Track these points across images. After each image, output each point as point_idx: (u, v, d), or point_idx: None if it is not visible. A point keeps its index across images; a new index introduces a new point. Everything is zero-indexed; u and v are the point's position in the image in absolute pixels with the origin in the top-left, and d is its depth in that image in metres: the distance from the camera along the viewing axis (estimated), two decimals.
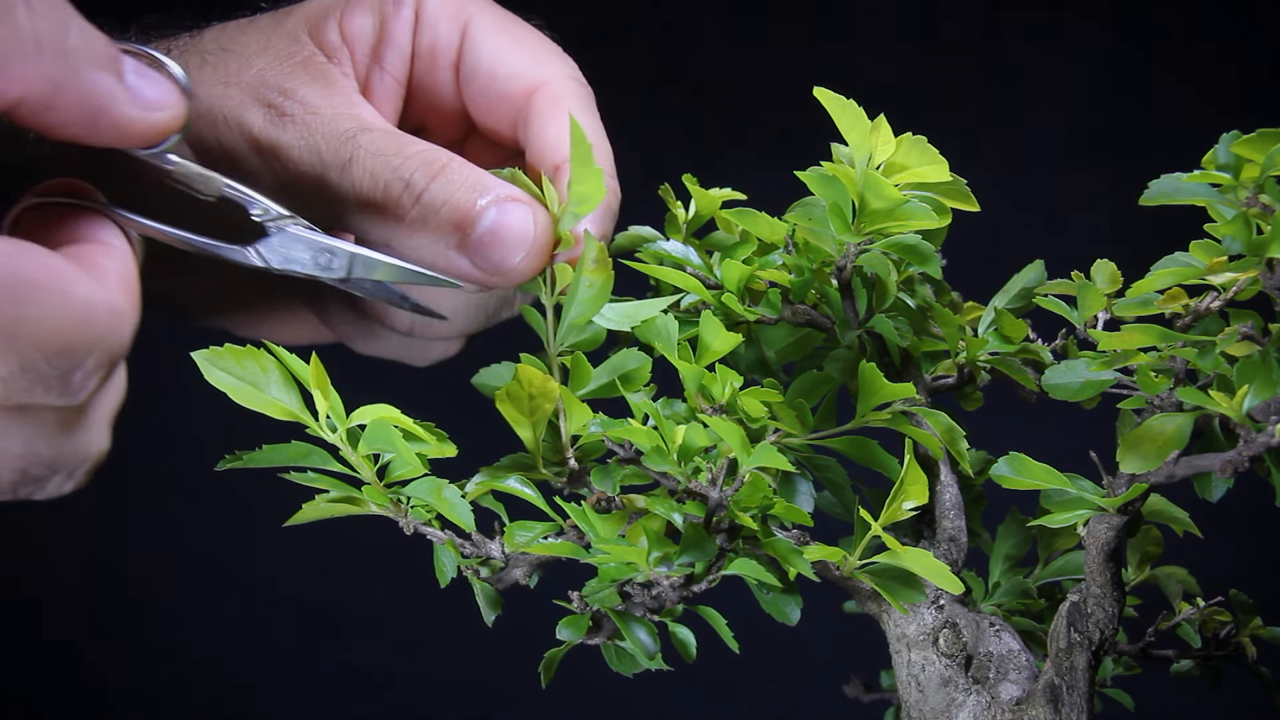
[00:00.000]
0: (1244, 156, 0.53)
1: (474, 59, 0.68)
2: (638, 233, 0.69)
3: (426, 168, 0.61)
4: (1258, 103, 1.41)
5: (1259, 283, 0.55)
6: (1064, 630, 0.61)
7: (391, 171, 0.61)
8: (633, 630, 0.61)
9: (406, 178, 0.61)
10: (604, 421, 0.60)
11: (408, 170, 0.61)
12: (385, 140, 0.61)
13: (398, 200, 0.61)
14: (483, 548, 0.61)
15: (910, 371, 0.67)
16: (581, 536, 0.59)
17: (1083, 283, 0.62)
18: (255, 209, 0.58)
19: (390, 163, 0.61)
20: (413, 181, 0.61)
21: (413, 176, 0.61)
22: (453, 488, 0.59)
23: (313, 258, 0.59)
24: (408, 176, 0.61)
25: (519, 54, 0.68)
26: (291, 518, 0.59)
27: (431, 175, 0.61)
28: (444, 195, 0.61)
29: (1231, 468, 0.54)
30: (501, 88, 0.68)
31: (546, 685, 0.63)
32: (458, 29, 0.68)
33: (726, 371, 0.59)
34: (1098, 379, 0.60)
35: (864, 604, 0.64)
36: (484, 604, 0.62)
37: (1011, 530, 0.70)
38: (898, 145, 0.58)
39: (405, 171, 0.61)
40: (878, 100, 0.60)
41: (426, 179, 0.61)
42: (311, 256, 0.59)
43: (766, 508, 0.58)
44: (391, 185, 0.61)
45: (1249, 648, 0.70)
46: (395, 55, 0.68)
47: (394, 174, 0.61)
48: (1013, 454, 0.60)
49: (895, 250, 0.62)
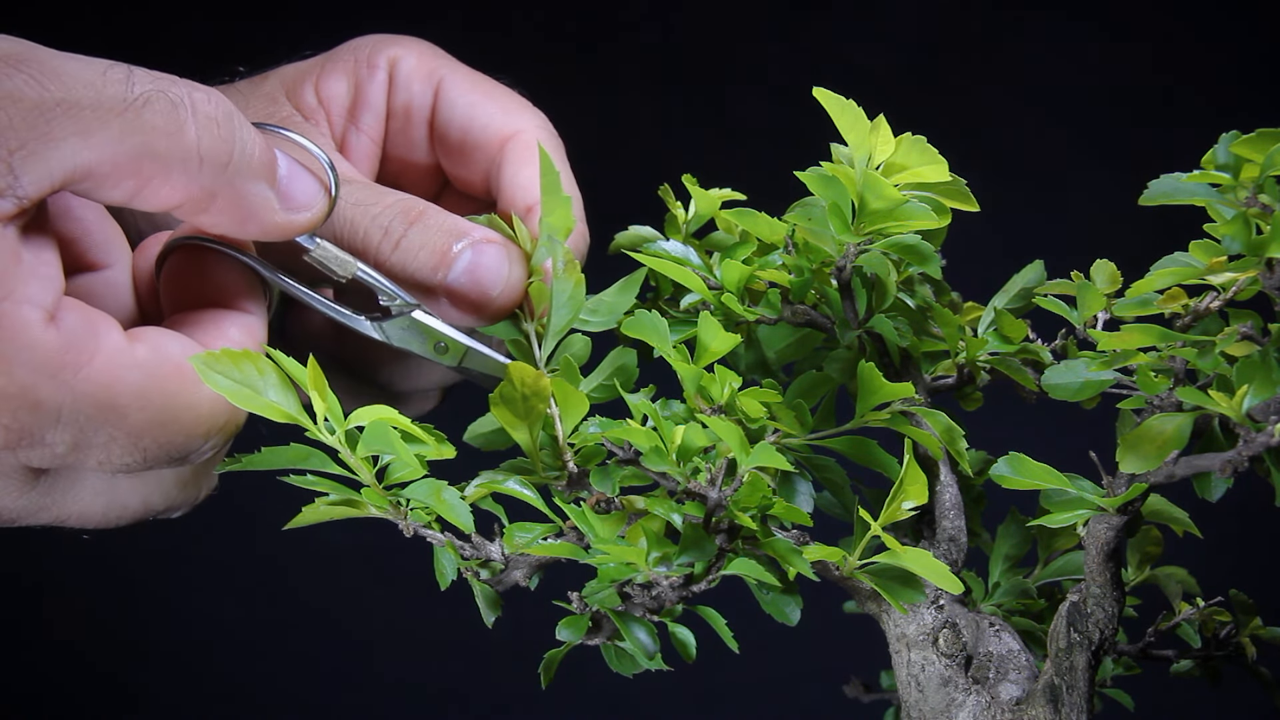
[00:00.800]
0: (1244, 156, 0.53)
1: (447, 115, 0.71)
2: (638, 232, 0.69)
3: (404, 215, 0.63)
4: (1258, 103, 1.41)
5: (1258, 283, 0.55)
6: (1064, 630, 0.61)
7: (370, 220, 0.63)
8: (632, 631, 0.61)
9: (385, 225, 0.63)
10: (603, 423, 0.60)
11: (386, 219, 0.63)
12: (363, 192, 0.63)
13: (377, 247, 0.63)
14: (482, 549, 0.61)
15: (910, 371, 0.67)
16: (581, 537, 0.59)
17: (1082, 283, 0.62)
18: (383, 295, 0.62)
19: (369, 212, 0.63)
20: (391, 229, 0.63)
21: (391, 224, 0.63)
22: (452, 490, 0.59)
23: (430, 345, 0.63)
24: (386, 224, 0.63)
25: (491, 108, 0.71)
26: (291, 521, 0.59)
27: (409, 222, 0.63)
28: (421, 240, 0.63)
29: (1231, 468, 0.54)
30: (475, 140, 0.71)
31: (546, 686, 0.63)
32: (430, 89, 0.72)
33: (725, 372, 0.59)
34: (1097, 379, 0.60)
35: (864, 604, 0.64)
36: (484, 606, 0.62)
37: (1011, 530, 0.70)
38: (897, 145, 0.58)
39: (384, 220, 0.63)
40: (878, 100, 0.60)
41: (404, 225, 0.63)
42: (428, 344, 0.63)
43: (766, 508, 0.58)
44: (370, 233, 0.63)
45: (1249, 648, 0.70)
46: (370, 116, 0.72)
47: (373, 222, 0.63)
48: (1013, 454, 0.60)
49: (895, 250, 0.62)
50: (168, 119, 0.53)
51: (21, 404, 0.52)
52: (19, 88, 0.50)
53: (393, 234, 0.63)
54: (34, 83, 0.51)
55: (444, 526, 0.60)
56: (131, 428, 0.54)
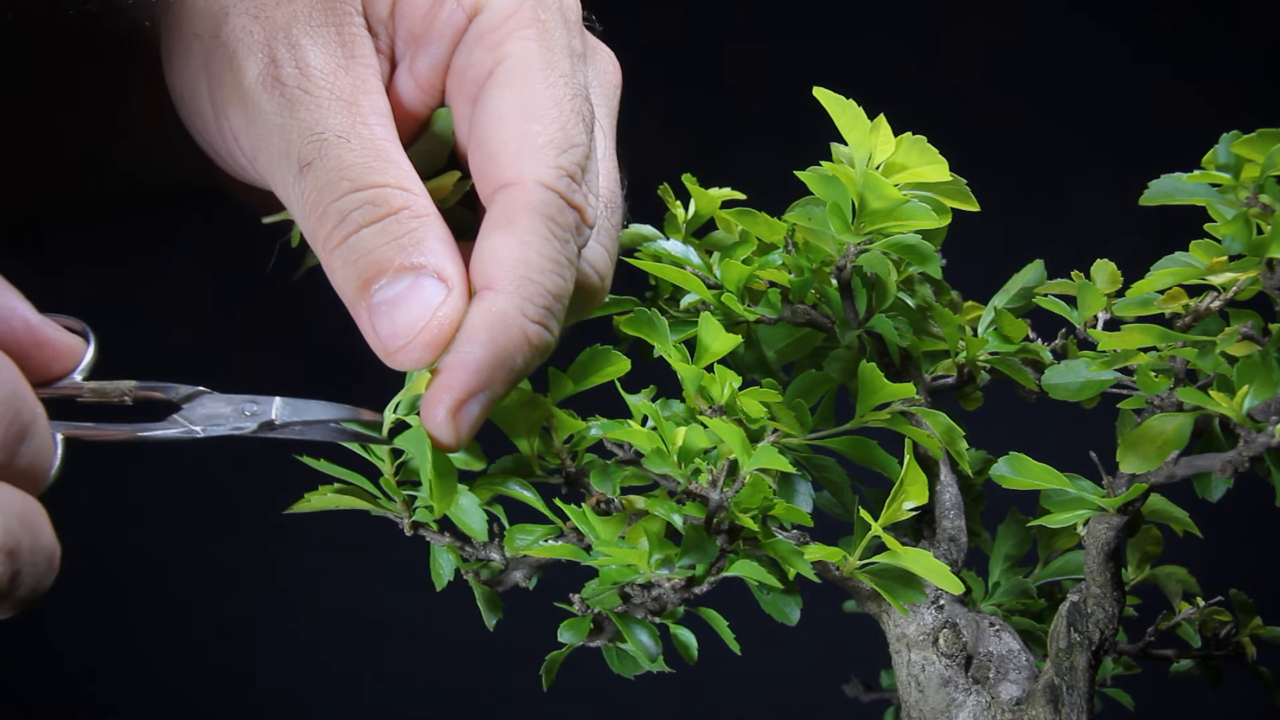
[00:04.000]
0: (1244, 156, 0.53)
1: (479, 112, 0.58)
2: (638, 231, 0.69)
3: (370, 209, 0.54)
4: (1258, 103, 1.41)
5: (1259, 283, 0.55)
6: (1064, 630, 0.61)
7: (334, 198, 0.54)
8: (634, 632, 0.61)
9: (346, 212, 0.54)
10: (604, 424, 0.60)
11: (352, 204, 0.54)
12: (355, 155, 0.55)
13: (329, 234, 0.54)
14: (482, 550, 0.61)
15: (910, 371, 0.67)
16: (581, 538, 0.59)
17: (1083, 283, 0.62)
18: (169, 392, 0.56)
19: (339, 188, 0.54)
20: (349, 219, 0.54)
21: (352, 214, 0.54)
22: (470, 495, 0.58)
23: (235, 410, 0.56)
24: (347, 212, 0.54)
25: (511, 133, 0.57)
26: (295, 505, 0.59)
27: (370, 219, 0.54)
28: (371, 245, 0.54)
29: (1231, 468, 0.54)
30: (480, 167, 0.58)
31: (548, 688, 0.63)
32: (489, 64, 0.58)
33: (725, 372, 0.59)
34: (1098, 379, 0.60)
35: (864, 604, 0.64)
36: (485, 608, 0.62)
37: (1011, 530, 0.70)
38: (897, 145, 0.58)
39: (349, 205, 0.54)
40: (878, 100, 0.60)
41: (361, 221, 0.54)
42: (234, 409, 0.56)
43: (767, 509, 0.58)
44: (328, 215, 0.54)
45: (1249, 648, 0.70)
46: (428, 61, 0.60)
47: (333, 203, 0.54)
48: (1013, 454, 0.60)
49: (895, 250, 0.62)
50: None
51: None
52: None
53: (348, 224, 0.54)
54: None
55: (442, 527, 0.60)
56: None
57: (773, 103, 1.47)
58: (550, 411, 0.58)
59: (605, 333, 0.65)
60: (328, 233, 0.54)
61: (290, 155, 0.55)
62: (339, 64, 0.57)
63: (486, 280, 0.54)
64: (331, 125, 0.56)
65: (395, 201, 0.54)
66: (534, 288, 0.54)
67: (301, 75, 0.56)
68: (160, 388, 0.56)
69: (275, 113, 0.56)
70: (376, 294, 0.53)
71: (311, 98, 0.56)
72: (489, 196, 0.57)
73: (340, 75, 0.57)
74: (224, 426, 0.55)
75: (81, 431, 0.55)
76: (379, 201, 0.54)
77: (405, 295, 0.53)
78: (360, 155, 0.55)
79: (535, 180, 0.56)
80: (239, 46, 0.57)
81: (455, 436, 0.53)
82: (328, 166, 0.55)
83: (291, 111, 0.56)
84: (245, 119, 0.57)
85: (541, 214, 0.55)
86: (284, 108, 0.56)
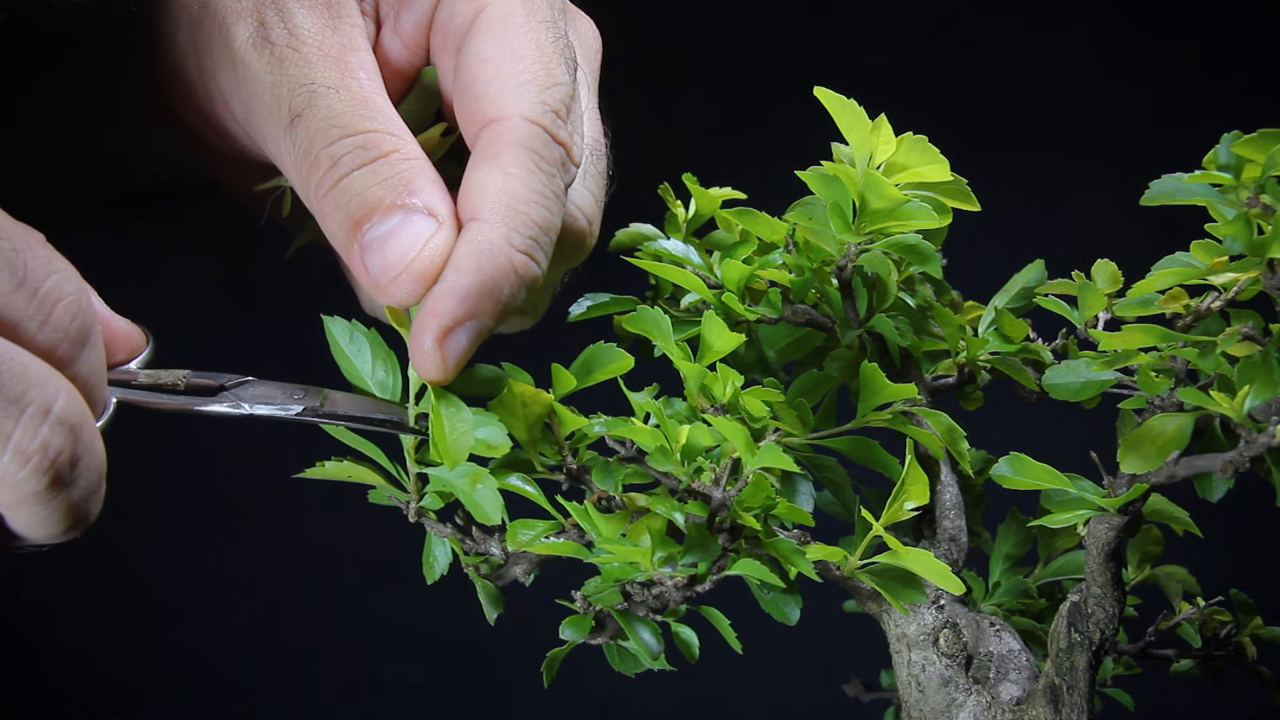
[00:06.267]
0: (1245, 156, 0.53)
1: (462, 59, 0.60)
2: (638, 230, 0.69)
3: (361, 152, 0.55)
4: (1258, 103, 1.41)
5: (1260, 283, 0.55)
6: (1064, 630, 0.61)
7: (325, 145, 0.55)
8: (636, 630, 0.61)
9: (338, 157, 0.55)
10: (606, 421, 0.60)
11: (343, 149, 0.55)
12: (344, 104, 0.56)
13: (320, 179, 0.55)
14: (482, 544, 0.61)
15: (911, 371, 0.67)
16: (583, 535, 0.59)
17: (1083, 283, 0.62)
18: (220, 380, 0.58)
19: (330, 134, 0.55)
20: (340, 163, 0.55)
21: (343, 159, 0.55)
22: (491, 480, 0.57)
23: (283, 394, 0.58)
24: (338, 156, 0.55)
25: (494, 73, 0.58)
26: (307, 470, 0.59)
27: (361, 162, 0.55)
28: (362, 186, 0.55)
29: (1232, 468, 0.55)
30: (465, 109, 0.59)
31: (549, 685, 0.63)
32: (471, 13, 0.60)
33: (728, 371, 0.59)
34: (1098, 379, 0.60)
35: (864, 604, 0.64)
36: (486, 603, 0.62)
37: (1011, 530, 0.70)
38: (898, 145, 0.58)
39: (340, 150, 0.55)
40: (878, 99, 0.60)
41: (353, 164, 0.55)
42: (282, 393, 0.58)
43: (769, 508, 0.58)
44: (320, 161, 0.55)
45: (1249, 648, 0.70)
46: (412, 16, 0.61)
47: (325, 149, 0.55)
48: (1013, 454, 0.60)
49: (896, 250, 0.62)
50: None
51: None
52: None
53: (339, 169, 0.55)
54: None
55: (443, 517, 0.60)
56: None
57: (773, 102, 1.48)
58: (553, 407, 0.59)
59: (606, 332, 0.65)
60: (320, 179, 0.55)
61: (281, 109, 0.57)
62: (326, 24, 0.58)
63: (473, 211, 0.55)
64: (321, 78, 0.57)
65: (385, 145, 0.55)
66: (520, 218, 0.55)
67: (290, 35, 0.57)
68: (211, 376, 0.58)
69: (265, 71, 0.57)
70: (368, 232, 0.54)
71: (300, 55, 0.57)
72: (474, 136, 0.58)
73: (328, 34, 0.58)
74: (271, 405, 0.57)
75: (136, 398, 0.57)
76: (369, 145, 0.55)
77: (396, 230, 0.54)
78: (349, 104, 0.56)
79: (520, 115, 0.57)
80: (227, 13, 0.58)
81: (442, 366, 0.54)
82: (318, 115, 0.56)
83: (281, 68, 0.57)
84: (235, 81, 0.58)
85: (526, 146, 0.56)
86: (274, 65, 0.57)
